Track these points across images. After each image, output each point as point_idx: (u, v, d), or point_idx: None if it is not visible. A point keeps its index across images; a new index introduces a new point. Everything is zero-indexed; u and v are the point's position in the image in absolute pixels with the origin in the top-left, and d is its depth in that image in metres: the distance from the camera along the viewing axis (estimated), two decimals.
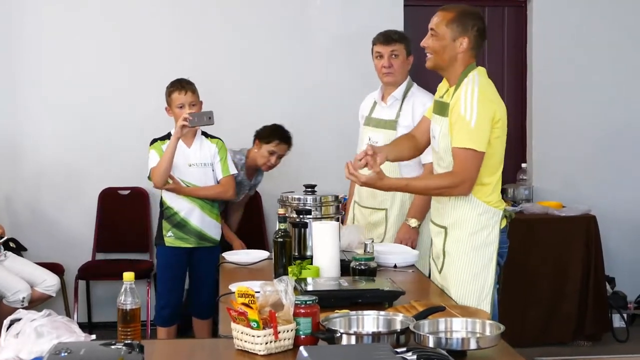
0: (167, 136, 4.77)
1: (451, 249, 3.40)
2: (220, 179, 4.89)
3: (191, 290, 5.06)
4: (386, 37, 4.47)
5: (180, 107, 4.72)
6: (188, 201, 4.77)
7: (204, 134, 4.91)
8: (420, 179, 3.45)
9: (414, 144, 3.67)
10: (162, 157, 4.64)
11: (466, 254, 3.36)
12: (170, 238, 4.80)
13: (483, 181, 3.33)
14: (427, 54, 3.44)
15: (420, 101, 4.37)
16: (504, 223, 3.41)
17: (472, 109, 3.24)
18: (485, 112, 3.25)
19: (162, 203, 4.85)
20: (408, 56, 4.47)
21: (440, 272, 3.47)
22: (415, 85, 4.51)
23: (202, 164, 4.82)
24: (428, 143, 3.63)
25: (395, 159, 3.60)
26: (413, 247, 4.26)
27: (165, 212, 4.82)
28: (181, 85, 4.78)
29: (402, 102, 4.43)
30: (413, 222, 4.32)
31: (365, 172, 3.41)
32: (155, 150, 4.74)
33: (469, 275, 3.35)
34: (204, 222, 4.82)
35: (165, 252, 4.86)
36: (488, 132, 3.27)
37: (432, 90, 3.98)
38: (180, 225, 4.78)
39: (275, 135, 5.30)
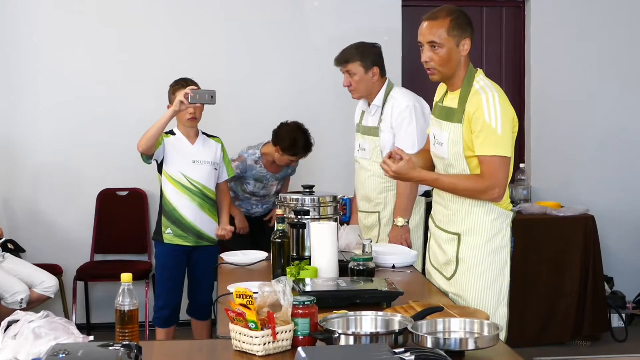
0: (170, 132, 4.82)
1: (467, 256, 3.36)
2: (221, 183, 4.98)
3: (190, 292, 5.05)
4: (338, 60, 4.55)
5: None
6: (188, 199, 4.78)
7: (204, 133, 4.93)
8: (450, 177, 3.35)
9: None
10: (153, 125, 4.59)
11: (484, 260, 3.33)
12: (169, 235, 4.80)
13: None
14: (430, 69, 3.38)
15: (397, 104, 4.43)
16: (511, 223, 3.41)
17: (496, 115, 3.21)
18: (508, 117, 3.25)
19: (162, 197, 4.85)
20: (368, 70, 4.47)
21: (450, 279, 3.43)
22: (396, 88, 4.55)
23: (205, 161, 4.84)
24: None
25: (423, 167, 3.52)
26: (409, 246, 4.28)
27: (164, 207, 4.81)
28: (187, 83, 4.78)
29: (383, 108, 4.48)
30: (400, 222, 4.34)
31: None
32: None
33: (488, 281, 3.33)
34: (202, 221, 4.82)
35: (164, 252, 4.86)
36: (512, 137, 3.28)
37: (427, 91, 3.97)
38: (179, 222, 4.78)
39: (298, 151, 5.25)
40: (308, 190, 3.86)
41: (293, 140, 5.22)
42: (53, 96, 6.07)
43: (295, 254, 3.69)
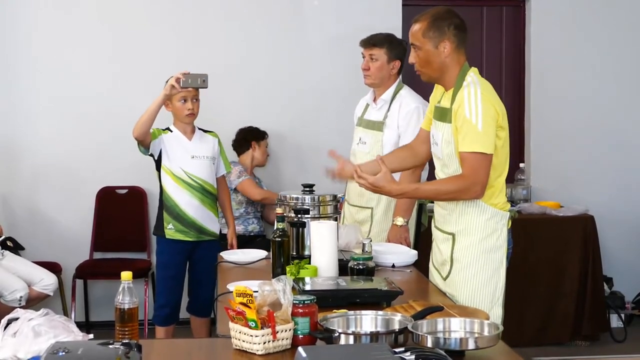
0: (167, 129, 4.81)
1: (460, 256, 3.35)
2: (220, 177, 4.98)
3: (191, 289, 5.05)
4: (366, 41, 4.55)
5: (183, 100, 4.72)
6: (189, 194, 4.77)
7: (200, 128, 4.92)
8: (431, 183, 3.37)
9: (412, 153, 3.68)
10: (146, 110, 4.56)
11: (477, 260, 3.32)
12: (171, 230, 4.79)
13: (490, 184, 3.30)
14: (417, 70, 3.43)
15: (406, 103, 4.45)
16: (509, 224, 3.39)
17: (477, 111, 3.20)
18: (489, 113, 3.23)
19: (162, 192, 4.84)
20: (391, 61, 4.50)
21: (445, 279, 3.42)
22: (405, 87, 4.56)
23: (204, 156, 4.84)
24: (426, 154, 3.63)
25: (393, 169, 3.51)
26: (408, 245, 4.28)
27: (165, 202, 4.80)
28: None
29: (390, 104, 4.48)
30: (400, 221, 4.35)
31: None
32: (153, 130, 4.71)
33: (481, 281, 3.32)
34: (203, 216, 4.81)
35: (165, 250, 4.85)
36: (494, 133, 3.25)
37: (427, 90, 3.97)
38: (180, 218, 4.77)
39: (263, 132, 5.99)
40: (308, 189, 3.86)
41: (252, 129, 5.95)
42: (52, 95, 6.07)
43: (294, 253, 3.69)
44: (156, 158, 4.79)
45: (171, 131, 4.82)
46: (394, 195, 3.52)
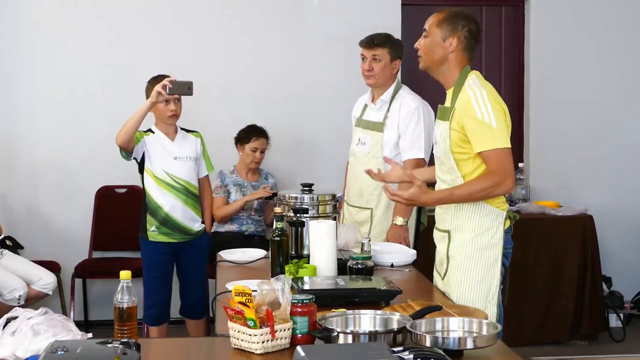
0: (149, 130, 4.79)
1: (455, 253, 3.37)
2: (203, 178, 4.96)
3: (181, 292, 5.04)
4: (368, 41, 4.54)
5: (166, 102, 4.68)
6: (172, 196, 4.76)
7: (182, 128, 4.90)
8: (462, 186, 3.35)
9: None
10: (130, 117, 4.52)
11: (471, 256, 3.33)
12: (154, 233, 4.78)
13: None
14: (419, 56, 3.45)
15: (406, 103, 4.45)
16: (508, 224, 3.39)
17: (487, 110, 3.23)
18: (499, 112, 3.26)
19: (145, 196, 4.82)
20: (393, 60, 4.51)
21: (443, 278, 3.43)
22: (404, 87, 4.56)
23: (187, 157, 4.82)
24: None
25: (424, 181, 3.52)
26: (407, 245, 4.28)
27: (149, 206, 4.78)
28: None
29: (390, 104, 4.48)
30: (399, 221, 4.36)
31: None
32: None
33: (475, 278, 3.32)
34: (186, 217, 4.80)
35: (149, 250, 4.84)
36: (508, 127, 3.29)
37: (425, 91, 3.98)
38: (164, 220, 4.76)
39: (251, 133, 5.77)
40: (307, 188, 3.86)
41: (245, 129, 5.80)
42: (51, 94, 6.07)
43: (293, 252, 3.69)
44: (138, 160, 4.77)
45: (153, 132, 4.79)
46: (430, 205, 3.53)
